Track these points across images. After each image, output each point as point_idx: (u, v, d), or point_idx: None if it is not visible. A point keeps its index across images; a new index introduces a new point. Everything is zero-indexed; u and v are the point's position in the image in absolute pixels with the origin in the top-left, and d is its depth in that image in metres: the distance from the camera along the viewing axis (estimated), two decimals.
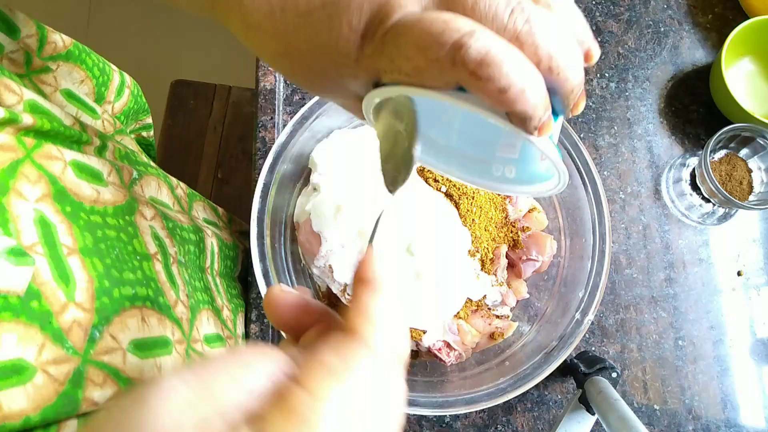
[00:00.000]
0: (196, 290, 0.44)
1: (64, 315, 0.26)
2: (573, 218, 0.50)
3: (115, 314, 0.29)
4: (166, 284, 0.36)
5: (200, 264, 0.47)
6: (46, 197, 0.27)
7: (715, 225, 0.62)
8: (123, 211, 0.34)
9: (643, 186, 0.63)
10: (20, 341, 0.23)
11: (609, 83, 0.65)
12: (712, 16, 0.68)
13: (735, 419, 0.58)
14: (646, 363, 0.58)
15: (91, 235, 0.30)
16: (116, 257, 0.31)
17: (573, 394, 0.55)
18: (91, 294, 0.28)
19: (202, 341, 0.41)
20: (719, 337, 0.59)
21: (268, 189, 0.46)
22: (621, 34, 0.66)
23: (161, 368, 0.31)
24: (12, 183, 0.26)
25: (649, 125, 0.64)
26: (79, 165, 0.31)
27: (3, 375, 0.22)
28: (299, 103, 0.61)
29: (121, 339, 0.29)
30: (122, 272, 0.31)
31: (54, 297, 0.25)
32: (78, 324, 0.26)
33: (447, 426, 0.55)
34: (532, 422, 0.56)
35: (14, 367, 0.22)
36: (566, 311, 0.46)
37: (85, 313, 0.27)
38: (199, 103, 1.10)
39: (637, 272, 0.60)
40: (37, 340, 0.24)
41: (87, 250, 0.29)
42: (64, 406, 0.24)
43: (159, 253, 0.37)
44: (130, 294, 0.31)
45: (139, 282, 0.33)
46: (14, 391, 0.22)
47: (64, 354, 0.25)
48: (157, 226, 0.39)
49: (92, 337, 0.27)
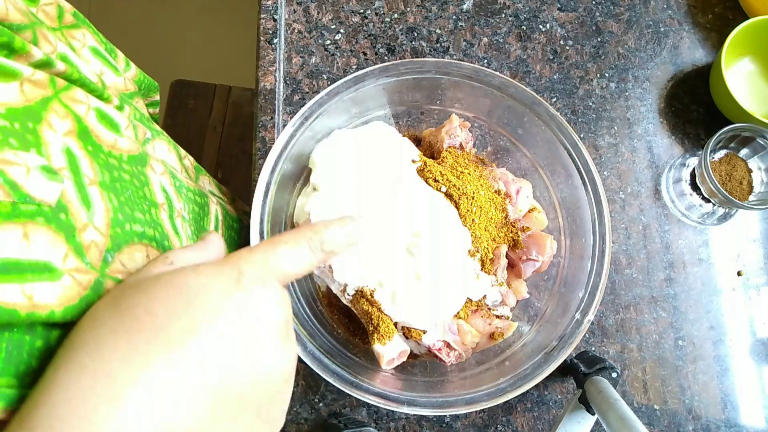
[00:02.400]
0: None
1: (85, 234, 0.28)
2: (573, 218, 0.50)
3: (126, 245, 0.32)
4: (170, 232, 0.39)
5: (204, 225, 0.48)
6: (72, 133, 0.30)
7: (715, 225, 0.62)
8: (136, 161, 0.37)
9: (643, 186, 0.63)
10: (50, 245, 0.25)
11: (609, 83, 0.65)
12: (712, 16, 0.68)
13: (735, 419, 0.58)
14: (646, 363, 0.58)
15: (109, 173, 0.33)
16: (129, 197, 0.34)
17: (573, 394, 0.55)
18: (107, 222, 0.30)
19: None
20: (719, 337, 0.59)
21: (269, 189, 0.46)
22: (621, 34, 0.66)
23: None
24: (44, 114, 0.29)
25: (649, 125, 0.64)
26: (100, 112, 0.34)
27: (36, 270, 0.24)
28: (299, 103, 0.61)
29: (129, 267, 0.31)
30: (133, 211, 0.34)
31: (77, 216, 0.28)
32: (95, 245, 0.29)
33: (447, 426, 0.55)
34: (532, 422, 0.56)
35: (45, 267, 0.25)
36: (566, 311, 0.46)
37: (102, 237, 0.29)
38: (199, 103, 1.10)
39: (637, 272, 0.60)
40: (63, 248, 0.26)
41: (104, 184, 0.31)
42: (84, 310, 0.26)
43: (165, 204, 0.40)
44: (139, 232, 0.33)
45: (148, 223, 0.35)
46: (44, 286, 0.24)
47: (84, 267, 0.27)
48: (165, 182, 0.41)
49: (105, 259, 0.29)
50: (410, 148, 0.50)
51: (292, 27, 0.63)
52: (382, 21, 0.64)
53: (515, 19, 0.66)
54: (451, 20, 0.65)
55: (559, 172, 0.50)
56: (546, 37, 0.66)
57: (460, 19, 0.65)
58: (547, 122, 0.49)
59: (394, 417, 0.55)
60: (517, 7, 0.66)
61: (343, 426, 0.52)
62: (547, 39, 0.65)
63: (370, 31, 0.64)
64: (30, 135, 0.27)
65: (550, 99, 0.64)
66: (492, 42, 0.65)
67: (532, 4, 0.66)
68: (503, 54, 0.65)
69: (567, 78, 0.65)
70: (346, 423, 0.52)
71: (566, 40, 0.66)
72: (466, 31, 0.65)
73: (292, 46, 0.63)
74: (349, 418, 0.54)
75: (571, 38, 0.66)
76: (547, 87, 0.64)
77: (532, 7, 0.66)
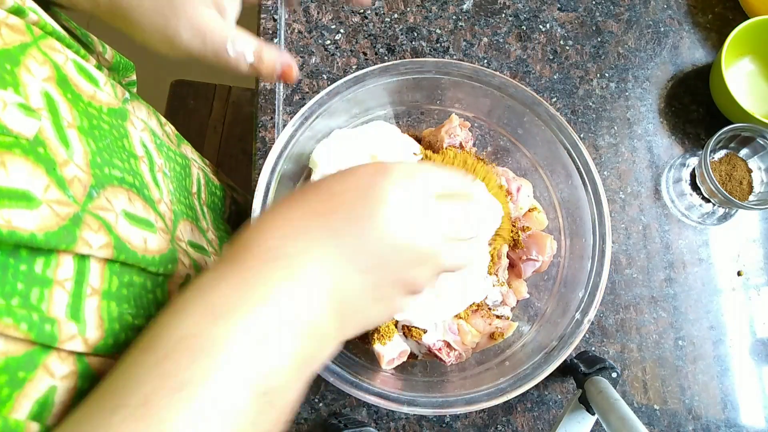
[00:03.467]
0: (181, 203, 0.45)
1: (66, 169, 0.28)
2: (573, 218, 0.50)
3: (108, 185, 0.32)
4: (150, 183, 0.39)
5: (186, 186, 0.48)
6: (51, 80, 0.31)
7: (715, 225, 0.62)
8: (116, 114, 0.37)
9: (643, 186, 0.63)
10: (29, 176, 0.26)
11: (609, 83, 0.65)
12: (712, 16, 0.68)
13: (735, 419, 0.58)
14: (646, 363, 0.58)
15: (88, 121, 0.33)
16: (107, 145, 0.34)
17: (573, 394, 0.55)
18: (87, 162, 0.31)
19: (186, 243, 0.42)
20: (719, 337, 0.59)
21: (269, 189, 0.46)
22: (621, 34, 0.66)
23: (147, 242, 0.34)
24: (22, 59, 0.29)
25: (649, 125, 0.64)
26: (79, 65, 0.34)
27: (14, 197, 0.25)
28: (299, 103, 0.61)
29: (114, 204, 0.32)
30: (112, 157, 0.34)
31: (57, 152, 0.28)
32: (78, 180, 0.29)
33: (447, 426, 0.55)
34: (532, 422, 0.56)
35: (23, 195, 0.25)
36: (566, 311, 0.46)
37: (85, 174, 0.30)
38: (199, 103, 1.10)
39: (637, 272, 0.60)
40: (44, 180, 0.27)
41: (83, 129, 0.32)
42: (64, 237, 0.26)
43: (146, 158, 0.40)
44: (118, 177, 0.34)
45: (127, 171, 0.35)
46: (22, 212, 0.25)
47: (66, 199, 0.28)
48: (145, 138, 0.41)
49: (90, 194, 0.30)
50: (411, 143, 0.50)
51: (292, 27, 0.63)
52: (382, 21, 0.64)
53: (515, 19, 0.66)
54: (451, 20, 0.65)
55: (559, 172, 0.50)
56: (546, 37, 0.66)
57: (460, 19, 0.65)
58: (547, 122, 0.49)
59: (394, 417, 0.55)
60: (517, 7, 0.66)
61: (343, 426, 0.52)
62: (547, 39, 0.65)
63: (370, 31, 0.64)
64: (7, 75, 0.27)
65: (550, 99, 0.64)
66: (492, 42, 0.65)
67: (532, 4, 0.66)
68: (503, 54, 0.65)
69: (567, 78, 0.65)
70: (346, 423, 0.52)
71: (566, 40, 0.66)
72: (466, 31, 0.65)
73: (292, 46, 0.63)
74: (349, 418, 0.54)
75: (571, 38, 0.66)
76: (547, 87, 0.64)
77: (532, 7, 0.66)
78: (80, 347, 0.27)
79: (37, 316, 0.25)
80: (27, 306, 0.25)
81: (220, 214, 0.56)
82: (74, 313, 0.28)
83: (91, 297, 0.29)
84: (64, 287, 0.27)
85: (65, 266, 0.28)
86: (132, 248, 0.32)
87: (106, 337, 0.29)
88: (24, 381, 0.25)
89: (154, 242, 0.34)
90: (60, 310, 0.27)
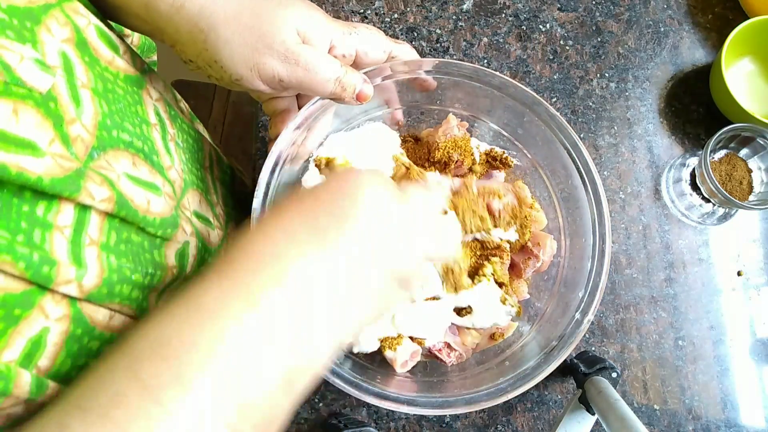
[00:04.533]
0: (192, 174, 0.45)
1: (72, 127, 0.29)
2: (573, 218, 0.50)
3: (111, 148, 0.33)
4: (161, 149, 0.39)
5: (198, 158, 0.48)
6: (70, 41, 0.31)
7: (715, 225, 0.62)
8: (132, 81, 0.38)
9: (643, 186, 0.63)
10: (37, 128, 0.27)
11: (609, 83, 0.65)
12: (712, 16, 0.68)
13: (735, 419, 0.58)
14: (646, 363, 0.58)
15: (102, 84, 0.34)
16: (120, 109, 0.35)
17: (573, 394, 0.55)
18: (94, 123, 0.31)
19: (191, 213, 0.42)
20: (719, 337, 0.59)
21: (268, 189, 0.46)
22: (621, 34, 0.66)
23: (150, 203, 0.34)
24: (43, 18, 0.30)
25: (649, 125, 0.64)
26: (100, 30, 0.35)
27: (21, 145, 0.25)
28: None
29: (115, 166, 0.32)
30: (123, 121, 0.35)
31: (66, 109, 0.29)
32: (81, 140, 0.30)
33: (447, 426, 0.55)
34: (532, 422, 0.56)
35: (30, 144, 0.26)
36: (566, 311, 0.46)
37: (89, 135, 0.31)
38: (199, 103, 1.10)
39: (637, 272, 0.60)
40: (50, 133, 0.27)
41: (96, 91, 0.32)
42: (69, 185, 0.27)
43: (158, 125, 0.40)
44: (126, 140, 0.34)
45: (137, 136, 0.36)
46: (29, 159, 0.25)
47: (69, 155, 0.28)
48: (160, 108, 0.42)
49: (91, 155, 0.31)
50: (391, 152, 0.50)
51: None
52: (382, 21, 0.64)
53: (515, 19, 0.66)
54: (451, 20, 0.65)
55: (559, 172, 0.50)
56: (546, 37, 0.66)
57: (460, 19, 0.65)
58: (546, 122, 0.49)
59: (394, 417, 0.55)
60: (517, 7, 0.66)
61: (343, 426, 0.52)
62: (547, 39, 0.65)
63: None
64: (27, 32, 0.28)
65: (550, 99, 0.64)
66: (492, 42, 0.65)
67: (532, 4, 0.66)
68: (503, 54, 0.65)
69: (567, 78, 0.65)
70: (346, 423, 0.52)
71: (566, 40, 0.66)
72: (466, 31, 0.65)
73: None
74: (349, 418, 0.54)
75: (571, 38, 0.66)
76: (547, 87, 0.64)
77: (532, 7, 0.66)
78: (74, 292, 0.28)
79: (38, 256, 0.25)
80: (30, 244, 0.26)
81: (230, 191, 0.56)
82: (76, 257, 0.28)
83: (90, 246, 0.29)
84: (63, 233, 0.28)
85: (65, 213, 0.28)
86: (134, 207, 0.32)
87: (102, 285, 0.29)
88: (19, 318, 0.26)
89: (158, 205, 0.35)
90: (62, 253, 0.28)
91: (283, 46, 0.37)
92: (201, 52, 0.37)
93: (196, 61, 0.39)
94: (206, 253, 0.43)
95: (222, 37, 0.36)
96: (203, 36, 0.36)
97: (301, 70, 0.38)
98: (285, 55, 0.37)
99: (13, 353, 0.26)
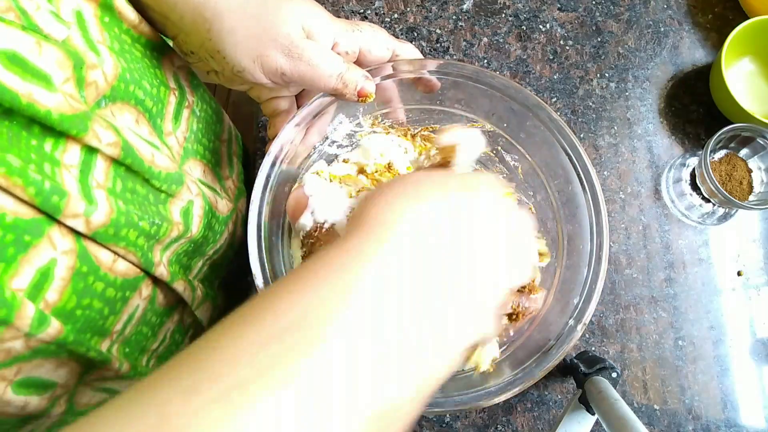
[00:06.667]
0: (200, 144, 0.45)
1: (93, 72, 0.30)
2: (571, 223, 0.50)
3: (121, 101, 0.33)
4: (169, 115, 0.39)
5: (215, 130, 0.48)
6: (93, 1, 0.32)
7: (715, 225, 0.62)
8: (154, 47, 0.38)
9: (643, 186, 0.63)
10: (56, 65, 0.27)
11: (609, 83, 0.65)
12: (712, 16, 0.68)
13: (735, 419, 0.58)
14: (646, 363, 0.58)
15: (119, 44, 0.34)
16: (138, 68, 0.35)
17: (573, 394, 0.55)
18: (115, 74, 0.32)
19: (196, 179, 0.42)
20: (719, 337, 0.59)
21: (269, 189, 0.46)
22: (621, 34, 0.66)
23: (155, 156, 0.34)
24: None
25: (649, 125, 0.64)
26: None
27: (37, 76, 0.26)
28: None
29: (118, 119, 0.33)
30: (142, 79, 0.35)
31: (87, 55, 0.29)
32: (96, 86, 0.30)
33: (447, 426, 0.55)
34: (532, 422, 0.56)
35: (45, 77, 0.26)
36: (563, 313, 0.46)
37: (105, 83, 0.31)
38: None
39: (637, 272, 0.60)
40: (67, 72, 0.28)
41: (113, 49, 0.33)
42: (76, 123, 0.27)
43: (177, 90, 0.40)
44: (139, 97, 0.35)
45: (151, 96, 0.36)
46: (42, 91, 0.25)
47: (78, 97, 0.29)
48: (181, 76, 0.42)
49: (99, 103, 0.31)
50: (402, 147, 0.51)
51: None
52: (382, 21, 0.64)
53: (515, 19, 0.66)
54: (451, 20, 0.65)
55: (558, 175, 0.50)
56: (546, 37, 0.65)
57: (460, 19, 0.65)
58: (547, 124, 0.49)
59: None
60: (517, 7, 0.66)
61: None
62: (547, 39, 0.65)
63: None
64: None
65: (550, 99, 0.64)
66: (492, 42, 0.65)
67: (532, 4, 0.66)
68: (503, 54, 0.65)
69: (567, 78, 0.65)
70: None
71: (566, 40, 0.66)
72: (466, 31, 0.65)
73: None
74: None
75: (571, 38, 0.66)
76: (547, 87, 0.64)
77: (532, 7, 0.66)
78: (81, 227, 0.28)
79: (49, 185, 0.25)
80: (41, 173, 0.26)
81: (244, 164, 0.56)
82: (86, 194, 0.28)
83: (98, 189, 0.30)
84: (70, 172, 0.28)
85: (72, 153, 0.28)
86: (139, 155, 0.32)
87: (110, 225, 0.29)
88: (29, 245, 0.26)
89: (162, 160, 0.35)
90: (72, 187, 0.28)
91: (288, 39, 0.36)
92: (204, 41, 0.37)
93: (198, 53, 0.38)
94: (213, 218, 0.43)
95: (226, 26, 0.36)
96: (207, 25, 0.36)
97: (304, 64, 0.37)
98: (289, 49, 0.37)
99: (22, 282, 0.26)
